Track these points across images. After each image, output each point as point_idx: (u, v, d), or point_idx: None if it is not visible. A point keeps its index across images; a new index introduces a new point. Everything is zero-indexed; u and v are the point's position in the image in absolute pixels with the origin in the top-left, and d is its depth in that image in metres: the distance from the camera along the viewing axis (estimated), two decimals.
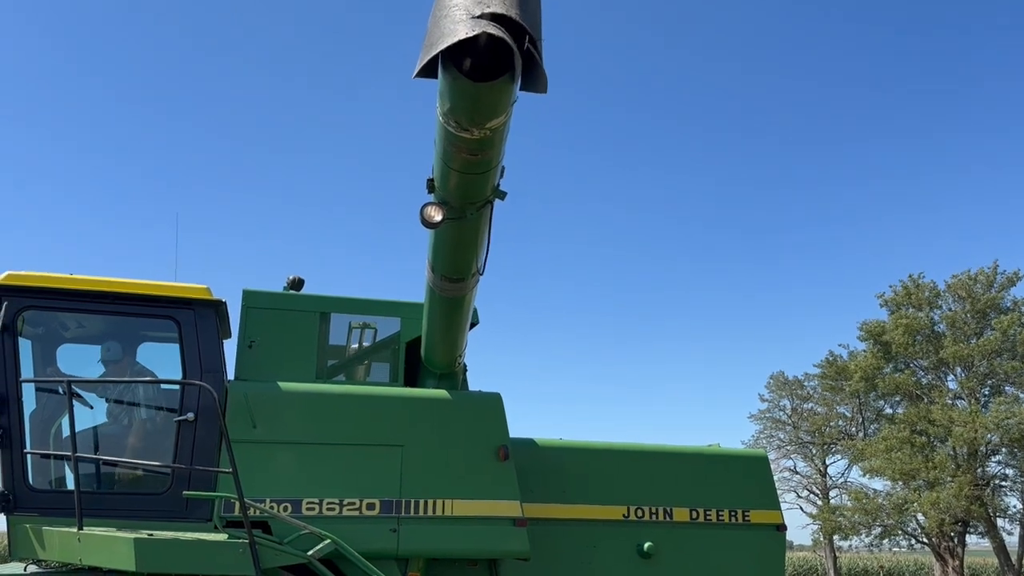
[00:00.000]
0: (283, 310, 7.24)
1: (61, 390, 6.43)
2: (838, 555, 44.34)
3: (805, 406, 45.14)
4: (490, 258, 6.06)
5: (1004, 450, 32.22)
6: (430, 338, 7.06)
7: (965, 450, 31.27)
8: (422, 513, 6.67)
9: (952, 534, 32.92)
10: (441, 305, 6.57)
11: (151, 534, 5.79)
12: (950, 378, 34.04)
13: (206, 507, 6.32)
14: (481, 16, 3.84)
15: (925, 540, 34.42)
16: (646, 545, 7.52)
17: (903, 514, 32.96)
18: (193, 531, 6.11)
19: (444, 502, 6.73)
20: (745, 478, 8.19)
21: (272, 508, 6.31)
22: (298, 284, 7.66)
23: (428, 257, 6.22)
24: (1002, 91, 72.48)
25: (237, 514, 6.00)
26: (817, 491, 44.93)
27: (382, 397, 7.02)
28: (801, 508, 44.70)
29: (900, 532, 34.49)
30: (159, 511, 6.30)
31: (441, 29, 3.90)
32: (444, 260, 6.09)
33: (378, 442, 6.77)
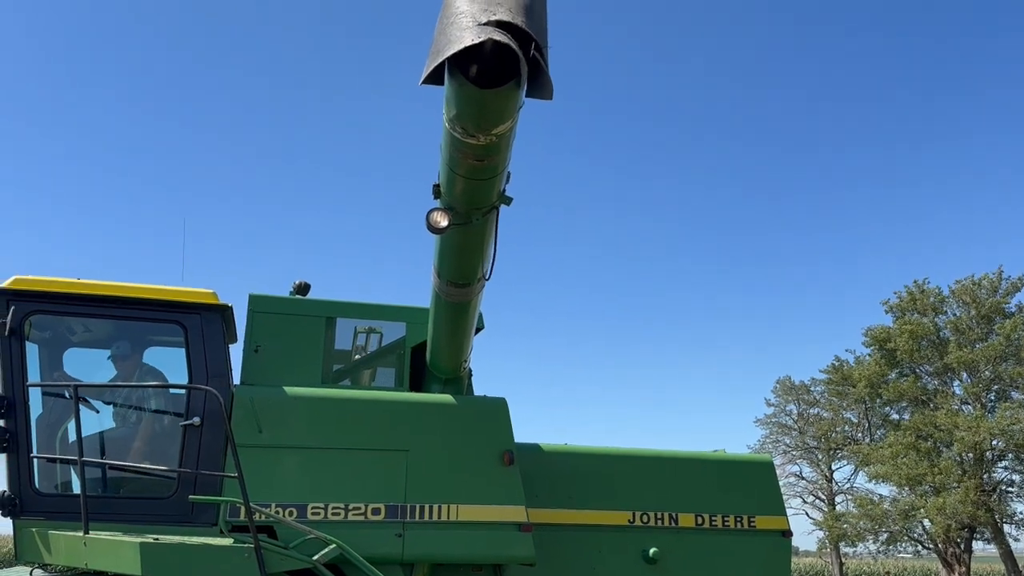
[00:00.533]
0: (289, 315, 7.25)
1: (67, 394, 6.45)
2: (844, 561, 44.23)
3: (811, 411, 45.07)
4: (496, 263, 6.08)
5: (1011, 455, 32.12)
6: (436, 343, 7.07)
7: (971, 455, 31.18)
8: (427, 518, 6.66)
9: (958, 540, 32.82)
10: (447, 310, 6.57)
11: (157, 538, 5.79)
12: (955, 383, 33.96)
13: (212, 511, 6.32)
14: (487, 23, 3.86)
15: (931, 546, 34.32)
16: (651, 551, 7.51)
17: (909, 520, 32.87)
18: (199, 536, 6.11)
19: (449, 507, 6.73)
20: (751, 484, 8.17)
21: (277, 513, 6.31)
22: (304, 289, 7.67)
23: (434, 262, 6.23)
24: (1007, 97, 72.39)
25: (243, 519, 6.00)
26: (823, 497, 44.84)
27: (387, 402, 7.03)
28: (807, 514, 44.63)
29: (906, 538, 34.39)
30: (165, 515, 6.30)
31: (448, 36, 3.92)
32: (450, 265, 6.10)
33: (383, 447, 6.77)
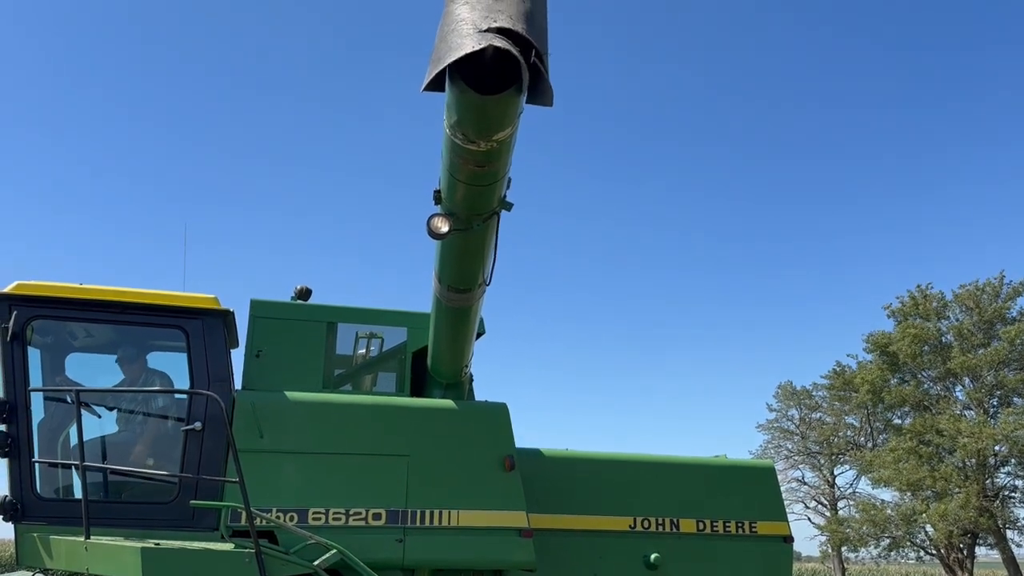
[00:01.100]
0: (290, 320, 7.26)
1: (69, 399, 6.46)
2: (846, 566, 44.14)
3: (813, 416, 45.03)
4: (497, 269, 6.08)
5: (1013, 461, 32.05)
6: (436, 348, 7.07)
7: (973, 461, 31.12)
8: (428, 523, 6.67)
9: (961, 546, 32.75)
10: (448, 315, 6.58)
11: (158, 543, 5.80)
12: (958, 389, 33.91)
13: (213, 516, 6.33)
14: (488, 30, 3.87)
15: (934, 552, 34.24)
16: (652, 556, 7.51)
17: (911, 525, 32.79)
18: (200, 540, 6.12)
19: (450, 512, 6.73)
20: (752, 489, 8.17)
21: (278, 518, 6.32)
22: (305, 294, 7.69)
23: (435, 268, 6.24)
24: (1008, 101, 72.41)
25: (244, 524, 6.00)
26: (825, 502, 44.76)
27: (388, 407, 7.03)
28: (809, 519, 44.56)
29: (909, 543, 34.31)
30: (166, 520, 6.31)
31: (448, 43, 3.93)
32: (451, 271, 6.11)
33: (384, 452, 6.77)
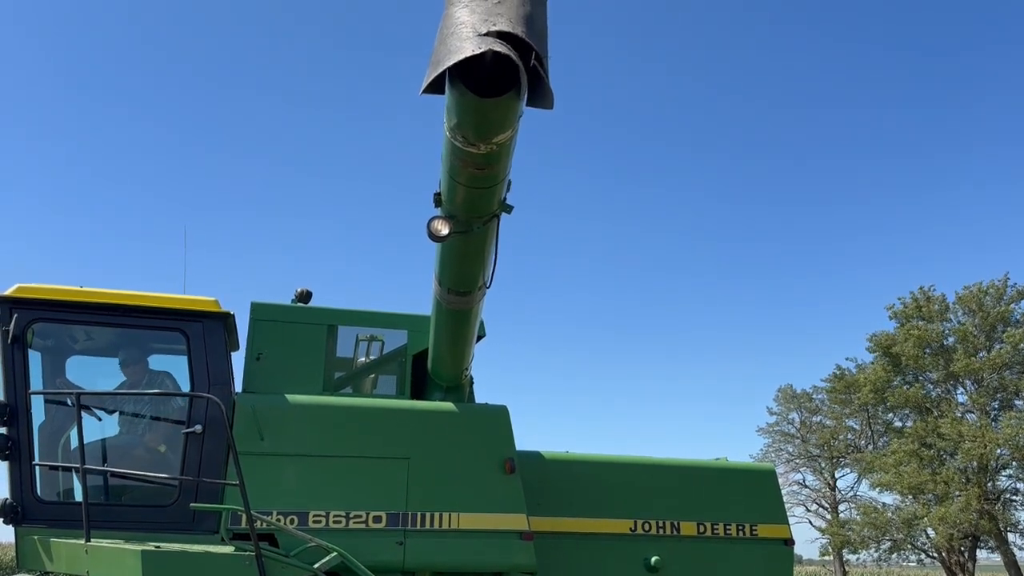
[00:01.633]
0: (291, 323, 7.26)
1: (69, 402, 6.46)
2: (847, 569, 44.09)
3: (814, 419, 45.03)
4: (497, 271, 6.08)
5: (1015, 464, 32.01)
6: (437, 351, 7.07)
7: (975, 464, 31.08)
8: (428, 526, 6.66)
9: (962, 548, 32.72)
10: (448, 318, 6.58)
11: (158, 546, 5.80)
12: (959, 391, 33.88)
13: (213, 519, 6.33)
14: (487, 34, 3.87)
15: (935, 555, 34.21)
16: (653, 559, 7.50)
17: (912, 528, 32.77)
18: (200, 543, 6.11)
19: (450, 515, 6.72)
20: (753, 492, 8.16)
21: (279, 520, 6.31)
22: (306, 297, 7.68)
23: (435, 270, 6.25)
24: (1011, 101, 72.35)
25: (244, 526, 6.01)
26: (826, 505, 44.74)
27: (389, 410, 7.03)
28: (810, 522, 44.56)
29: (910, 546, 34.28)
30: (166, 523, 6.30)
31: (448, 46, 3.94)
32: (451, 273, 6.11)
33: (385, 455, 6.77)
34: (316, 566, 6.09)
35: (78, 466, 5.92)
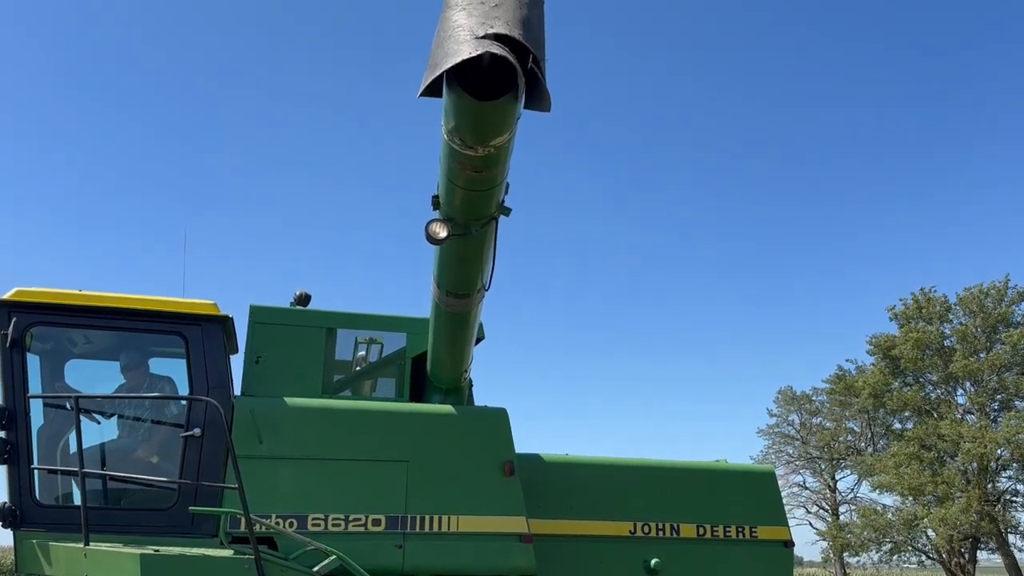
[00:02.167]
0: (290, 326, 7.27)
1: (68, 406, 6.46)
2: (848, 572, 44.07)
3: (814, 421, 45.04)
4: (496, 273, 6.09)
5: (1015, 465, 32.00)
6: (436, 353, 7.07)
7: (975, 465, 31.07)
8: (428, 529, 6.66)
9: (963, 550, 32.69)
10: (447, 321, 6.58)
11: (157, 550, 5.79)
12: (959, 393, 33.88)
13: (212, 523, 6.32)
14: (485, 36, 3.88)
15: (935, 556, 34.18)
16: (653, 561, 7.49)
17: (913, 530, 32.74)
18: (199, 547, 6.11)
19: (450, 518, 6.72)
20: (752, 494, 8.16)
21: (278, 524, 6.31)
22: (305, 300, 7.68)
23: (434, 273, 6.25)
24: (1012, 102, 72.38)
25: (243, 530, 6.00)
26: (827, 507, 44.73)
27: (388, 412, 7.03)
28: (811, 524, 44.57)
29: (910, 548, 34.25)
30: (165, 527, 6.30)
31: (445, 49, 3.94)
32: (449, 276, 6.12)
33: (384, 458, 6.76)
34: (315, 569, 6.09)
35: (77, 470, 5.92)
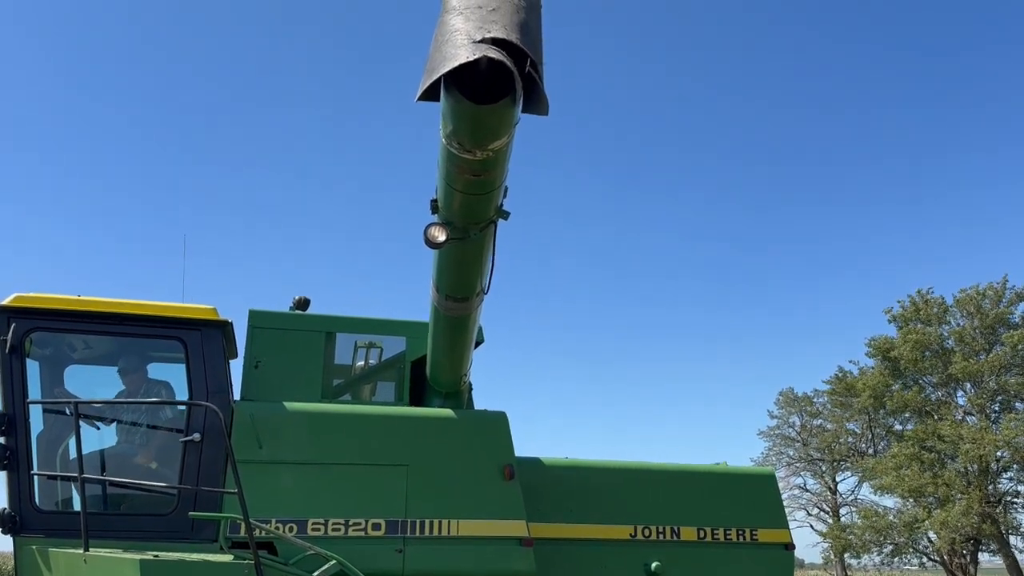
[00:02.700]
0: (289, 330, 7.27)
1: (68, 411, 6.45)
2: (849, 573, 44.02)
3: (814, 423, 45.02)
4: (494, 277, 6.09)
5: (1016, 467, 31.98)
6: (435, 357, 7.07)
7: (975, 467, 31.05)
8: (428, 533, 6.65)
9: (964, 552, 32.67)
10: (446, 324, 6.58)
11: (157, 555, 5.78)
12: (959, 394, 33.87)
13: (212, 528, 6.32)
14: (482, 41, 3.88)
15: (937, 558, 34.15)
16: (653, 564, 7.48)
17: (914, 532, 32.72)
18: (199, 552, 6.11)
19: (450, 522, 6.72)
20: (753, 496, 8.15)
21: (277, 529, 6.31)
22: (304, 304, 7.69)
23: (432, 277, 6.25)
24: (1009, 104, 72.45)
25: (243, 535, 5.99)
26: (827, 509, 44.70)
27: (387, 416, 7.03)
28: (811, 526, 44.52)
29: (911, 550, 34.22)
30: (165, 532, 6.30)
31: (443, 53, 3.95)
32: (448, 280, 6.12)
33: (383, 462, 6.76)
34: (315, 574, 6.07)
35: (76, 475, 5.91)
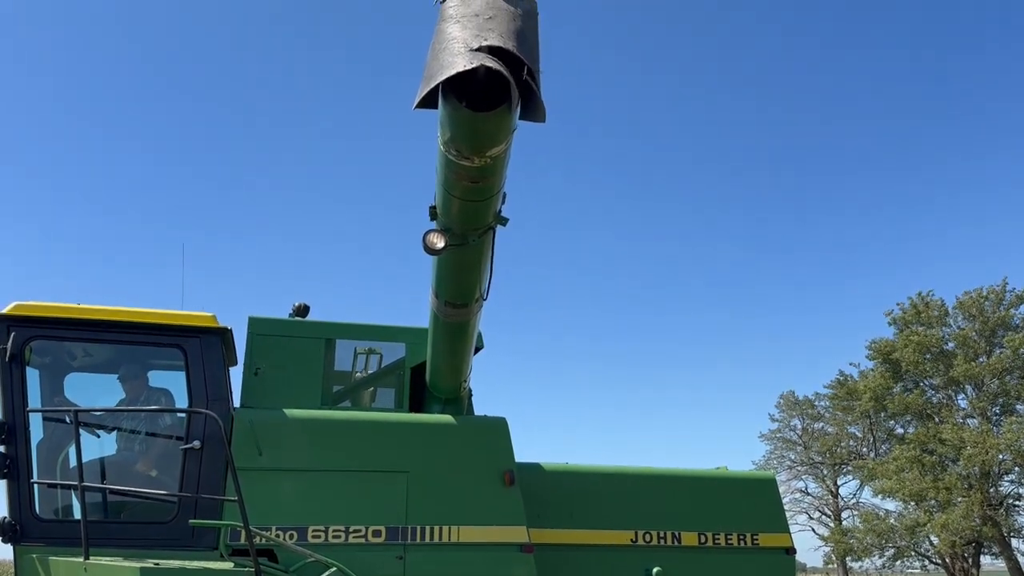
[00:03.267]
0: (289, 337, 7.28)
1: (68, 419, 6.46)
2: None
3: (816, 426, 45.00)
4: (493, 283, 6.10)
5: (1017, 469, 31.97)
6: (435, 363, 7.08)
7: (977, 470, 31.04)
8: (428, 540, 6.65)
9: (966, 555, 32.64)
10: (445, 330, 6.59)
11: (157, 564, 5.78)
12: (960, 397, 33.86)
13: (212, 535, 6.32)
14: (479, 49, 3.90)
15: (938, 561, 34.12)
16: (654, 570, 7.47)
17: (915, 535, 32.70)
18: (199, 560, 6.10)
19: (450, 528, 6.71)
20: (753, 501, 8.15)
21: (278, 536, 6.30)
22: (303, 311, 7.69)
23: (432, 283, 6.26)
24: (1009, 108, 72.49)
25: (243, 542, 5.98)
26: (829, 512, 44.65)
27: (387, 423, 7.03)
28: (813, 530, 44.46)
29: (913, 553, 34.19)
30: (165, 540, 6.29)
31: (440, 61, 3.97)
32: (447, 286, 6.13)
33: (384, 468, 6.76)
34: None
35: (77, 484, 5.91)
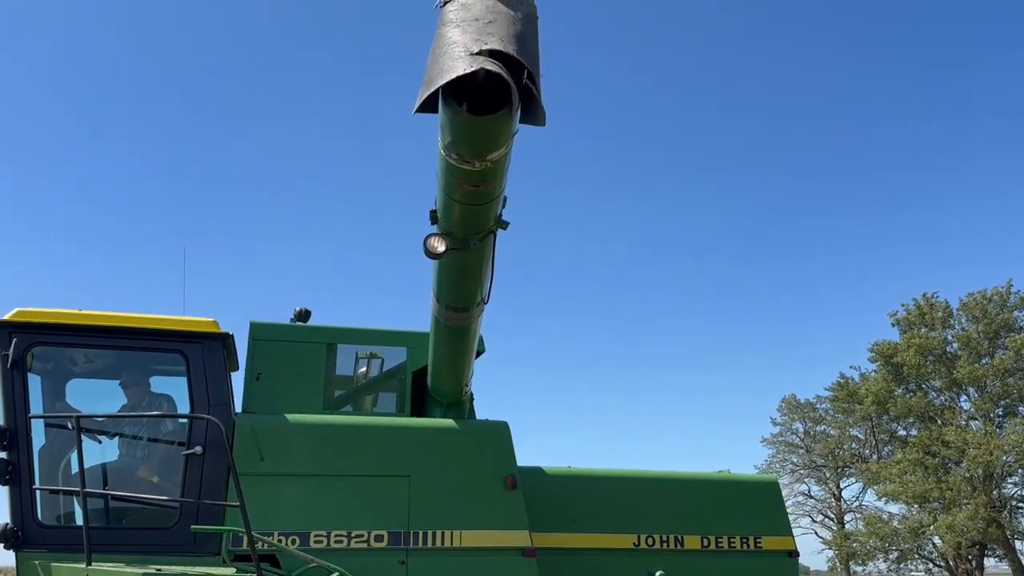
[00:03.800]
0: (290, 342, 7.28)
1: (70, 425, 6.46)
2: None
3: (818, 429, 44.95)
4: (495, 287, 6.10)
5: (1021, 471, 31.92)
6: (436, 367, 7.07)
7: (980, 472, 30.99)
8: (430, 544, 6.64)
9: (970, 557, 32.58)
10: (447, 334, 6.59)
11: (159, 569, 5.78)
12: (963, 399, 33.82)
13: (214, 541, 6.31)
14: (479, 53, 3.91)
15: (942, 564, 34.06)
16: (657, 574, 7.47)
17: (919, 538, 32.64)
18: (201, 565, 6.09)
19: (452, 533, 6.71)
20: (756, 504, 8.15)
21: (280, 541, 6.30)
22: (305, 316, 7.70)
23: (433, 287, 6.26)
24: (1012, 110, 72.43)
25: (245, 548, 5.98)
26: (832, 515, 44.58)
27: (389, 427, 7.03)
28: (816, 533, 44.38)
29: (917, 556, 34.13)
30: (167, 545, 6.29)
31: (440, 65, 3.97)
32: (449, 290, 6.13)
33: (385, 473, 6.76)
34: None
35: (78, 490, 5.91)
